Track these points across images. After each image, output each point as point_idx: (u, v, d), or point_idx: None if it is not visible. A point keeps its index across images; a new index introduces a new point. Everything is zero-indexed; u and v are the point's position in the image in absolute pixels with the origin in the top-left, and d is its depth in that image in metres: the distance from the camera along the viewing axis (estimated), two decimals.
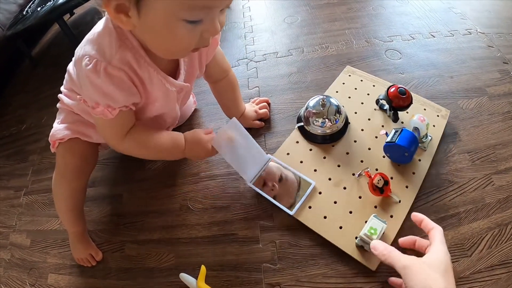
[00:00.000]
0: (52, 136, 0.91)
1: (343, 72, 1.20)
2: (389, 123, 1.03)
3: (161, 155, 0.97)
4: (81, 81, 0.72)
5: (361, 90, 1.13)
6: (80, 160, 0.93)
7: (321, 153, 0.99)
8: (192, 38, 0.63)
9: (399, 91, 0.96)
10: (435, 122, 1.03)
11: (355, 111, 1.08)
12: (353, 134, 1.02)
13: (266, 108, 1.13)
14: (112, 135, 0.83)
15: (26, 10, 1.85)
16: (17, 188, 1.32)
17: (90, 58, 0.67)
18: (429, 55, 1.26)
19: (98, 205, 1.09)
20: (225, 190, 1.00)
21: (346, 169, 0.95)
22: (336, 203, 0.89)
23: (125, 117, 0.79)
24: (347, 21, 1.48)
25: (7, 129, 1.65)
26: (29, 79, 1.95)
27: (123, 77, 0.71)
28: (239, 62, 1.38)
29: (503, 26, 1.39)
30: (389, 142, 0.89)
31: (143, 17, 0.59)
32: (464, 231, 0.84)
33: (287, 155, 1.00)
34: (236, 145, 0.90)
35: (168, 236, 0.96)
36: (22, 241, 1.13)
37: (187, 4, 0.56)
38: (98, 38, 0.69)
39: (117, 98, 0.73)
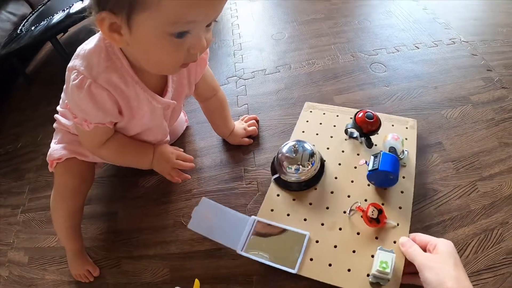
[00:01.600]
0: (50, 156, 0.94)
1: (304, 109, 1.18)
2: (363, 150, 1.02)
3: (131, 162, 1.02)
4: (67, 90, 0.76)
5: (326, 124, 1.11)
6: (78, 179, 0.96)
7: (306, 199, 0.94)
8: (180, 53, 0.67)
9: (367, 116, 0.95)
10: (406, 135, 1.03)
11: (326, 147, 1.05)
12: (332, 171, 0.99)
13: (255, 125, 1.16)
14: (88, 143, 0.89)
15: (20, 29, 1.87)
16: (14, 206, 1.33)
17: (78, 73, 0.72)
18: (414, 67, 1.29)
19: (94, 222, 1.11)
20: None
21: (336, 209, 0.91)
22: (336, 247, 0.84)
23: (101, 131, 0.84)
24: (333, 36, 1.52)
25: (3, 147, 1.65)
26: (24, 97, 1.96)
27: (104, 97, 0.75)
28: (229, 80, 1.41)
29: (488, 33, 1.43)
30: (372, 170, 0.88)
31: (134, 34, 0.63)
32: (449, 238, 0.81)
33: (271, 212, 0.93)
34: (214, 221, 0.92)
35: (162, 251, 0.98)
36: (20, 258, 1.14)
37: (171, 18, 0.59)
38: (88, 54, 0.73)
39: (93, 115, 0.77)
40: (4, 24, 2.08)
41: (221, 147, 1.17)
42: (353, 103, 1.20)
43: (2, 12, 2.12)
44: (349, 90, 1.25)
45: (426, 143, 1.05)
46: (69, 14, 1.61)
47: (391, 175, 0.85)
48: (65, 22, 1.61)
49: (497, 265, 0.81)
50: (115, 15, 0.60)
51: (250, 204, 1.00)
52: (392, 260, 0.75)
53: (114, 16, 0.60)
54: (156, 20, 0.59)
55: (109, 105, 0.77)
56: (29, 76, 2.10)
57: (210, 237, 0.89)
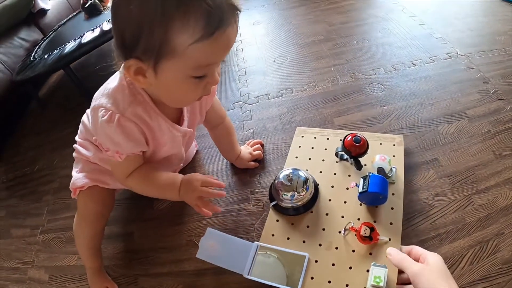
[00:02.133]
0: (73, 184, 1.00)
1: (295, 135, 1.22)
2: (354, 171, 1.05)
3: (159, 194, 1.03)
4: (96, 128, 0.82)
5: (318, 148, 1.15)
6: (100, 205, 1.02)
7: (303, 223, 0.99)
8: (198, 90, 0.75)
9: (354, 140, 0.98)
10: (394, 152, 1.07)
11: (319, 170, 1.09)
12: (326, 193, 1.03)
13: (260, 149, 1.23)
14: (119, 174, 0.94)
15: (33, 55, 1.94)
16: (33, 226, 1.38)
17: (105, 110, 0.78)
18: (411, 85, 1.33)
19: (112, 242, 1.16)
20: (226, 226, 1.07)
21: (331, 230, 0.95)
22: (334, 265, 0.89)
23: (131, 160, 0.90)
24: (332, 57, 1.57)
25: (19, 170, 1.71)
26: (38, 121, 2.02)
27: (133, 128, 0.82)
28: (235, 105, 1.46)
29: (484, 43, 1.46)
30: (361, 192, 0.92)
31: (159, 77, 0.70)
32: (445, 250, 0.88)
33: (272, 237, 0.98)
34: (220, 249, 0.96)
35: (176, 269, 1.02)
36: (41, 276, 1.19)
37: (194, 64, 0.67)
38: (112, 92, 0.80)
39: (124, 147, 0.84)
40: (17, 50, 2.15)
41: (229, 170, 1.22)
42: (352, 124, 1.24)
43: (14, 38, 2.19)
44: (348, 111, 1.29)
45: (423, 160, 1.07)
46: (81, 44, 1.67)
47: (380, 195, 0.90)
48: (77, 52, 1.67)
49: (493, 275, 0.83)
50: (142, 62, 0.67)
51: (256, 224, 1.05)
52: (384, 274, 0.81)
53: (141, 63, 0.68)
54: (181, 66, 0.67)
55: (138, 135, 0.84)
56: (43, 100, 2.16)
57: (218, 264, 0.94)
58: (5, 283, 1.24)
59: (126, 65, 0.69)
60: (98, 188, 1.00)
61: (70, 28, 2.14)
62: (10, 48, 2.13)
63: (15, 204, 1.55)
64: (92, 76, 2.09)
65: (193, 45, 0.63)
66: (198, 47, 0.63)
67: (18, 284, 1.21)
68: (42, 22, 2.40)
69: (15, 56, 2.11)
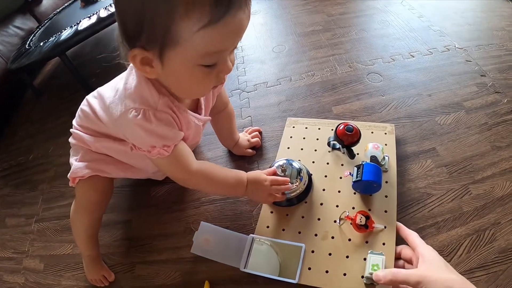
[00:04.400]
0: (73, 174, 0.96)
1: (287, 125, 1.22)
2: (346, 160, 1.06)
3: (223, 191, 1.02)
4: (130, 131, 0.79)
5: (309, 138, 1.15)
6: (100, 194, 1.00)
7: (298, 213, 0.98)
8: (210, 79, 0.71)
9: (347, 129, 0.98)
10: (385, 140, 1.08)
11: (312, 160, 1.09)
12: (319, 183, 1.03)
13: (258, 137, 1.22)
14: (178, 170, 0.88)
15: (28, 44, 1.92)
16: (28, 215, 1.37)
17: (136, 109, 0.75)
18: (409, 75, 1.33)
19: (109, 230, 1.15)
20: (223, 213, 1.07)
21: (326, 220, 0.95)
22: (331, 255, 0.89)
23: (181, 148, 0.85)
24: (331, 47, 1.56)
25: (14, 159, 1.70)
26: (34, 109, 2.01)
27: (169, 118, 0.79)
28: (232, 93, 1.45)
29: (483, 37, 1.46)
30: (356, 181, 0.92)
31: (166, 67, 0.67)
32: (442, 238, 0.89)
33: (267, 229, 0.98)
34: (215, 243, 0.96)
35: (174, 256, 1.02)
36: (36, 265, 1.18)
37: (204, 51, 0.63)
38: (136, 91, 0.76)
39: (171, 136, 0.80)
40: (12, 38, 2.14)
41: (227, 157, 1.21)
42: (351, 113, 1.24)
43: (9, 26, 2.18)
44: (347, 100, 1.29)
45: (421, 149, 1.08)
46: (78, 31, 1.65)
47: (374, 184, 0.90)
48: (73, 39, 1.65)
49: (490, 263, 0.84)
50: (147, 51, 0.64)
51: (255, 210, 1.05)
52: (382, 261, 0.82)
53: (146, 52, 0.65)
54: (188, 54, 0.63)
55: (175, 123, 0.82)
56: (38, 89, 2.14)
57: (213, 259, 0.94)
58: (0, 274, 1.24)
59: (131, 55, 0.66)
60: (98, 177, 0.97)
61: (66, 16, 2.12)
62: (4, 36, 2.13)
63: (10, 193, 1.54)
64: (88, 64, 2.08)
65: (199, 32, 0.59)
66: (205, 34, 0.59)
67: (13, 274, 1.21)
68: (37, 10, 2.40)
69: (10, 45, 2.10)
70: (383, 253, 0.84)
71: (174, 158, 0.84)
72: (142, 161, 0.99)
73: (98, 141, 0.95)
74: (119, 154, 0.98)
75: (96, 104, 0.91)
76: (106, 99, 0.84)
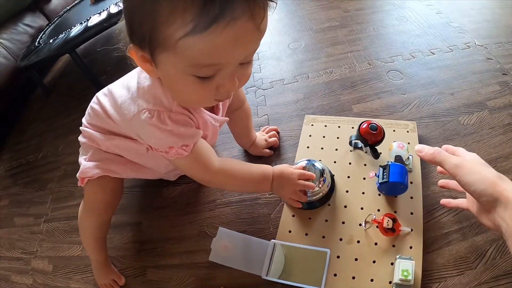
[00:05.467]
0: (82, 173, 0.93)
1: (305, 123, 1.18)
2: (369, 160, 1.02)
3: (249, 187, 0.98)
4: (145, 132, 0.75)
5: (329, 137, 1.11)
6: (109, 194, 0.96)
7: (321, 217, 0.95)
8: (207, 91, 0.64)
9: (371, 127, 0.95)
10: (408, 139, 1.04)
11: (333, 160, 1.05)
12: (342, 184, 0.99)
13: (276, 136, 1.17)
14: (199, 170, 0.84)
15: (38, 41, 1.91)
16: (36, 215, 1.36)
17: (149, 111, 0.71)
18: (430, 73, 1.29)
19: (119, 232, 1.12)
20: (240, 216, 1.03)
21: (351, 223, 0.92)
22: (357, 260, 0.85)
23: (201, 147, 0.81)
24: (349, 44, 1.52)
25: (24, 157, 1.70)
26: (43, 107, 2.01)
27: (186, 119, 0.75)
28: (248, 90, 1.42)
29: (501, 35, 1.41)
30: (382, 182, 0.88)
31: (160, 70, 0.63)
32: (468, 244, 0.85)
33: (289, 233, 0.94)
34: (234, 249, 0.93)
35: (188, 261, 0.99)
36: (44, 266, 1.17)
37: (192, 61, 0.57)
38: (150, 91, 0.73)
39: (189, 135, 0.77)
40: (22, 36, 2.13)
41: (242, 157, 1.17)
42: (371, 111, 1.20)
43: (19, 24, 2.18)
44: (367, 99, 1.25)
45: None
46: (87, 27, 1.63)
47: (401, 185, 0.87)
48: (83, 36, 1.63)
49: None
50: (142, 50, 0.60)
51: (273, 214, 1.01)
52: (412, 266, 0.77)
53: (141, 50, 0.61)
54: (177, 61, 0.58)
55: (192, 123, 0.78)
56: (48, 87, 2.14)
57: (232, 266, 0.90)
58: (8, 274, 1.23)
59: (129, 49, 0.62)
60: (108, 177, 0.94)
61: (76, 13, 2.10)
62: (14, 34, 2.12)
63: (19, 192, 1.53)
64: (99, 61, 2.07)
65: (184, 39, 0.52)
66: (190, 42, 0.52)
67: (22, 275, 1.19)
68: (47, 8, 2.39)
69: (19, 43, 2.10)
70: (412, 257, 0.80)
71: (194, 157, 0.80)
72: (154, 160, 0.96)
73: (109, 139, 0.91)
74: (130, 152, 0.94)
75: (107, 102, 0.88)
76: (118, 97, 0.80)
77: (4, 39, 2.04)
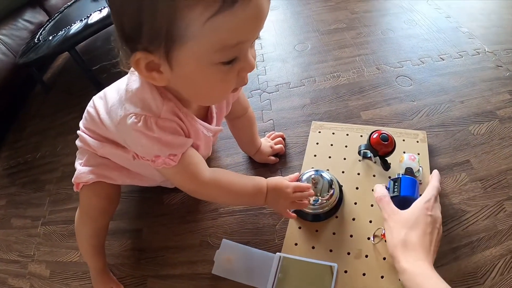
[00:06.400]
0: (77, 179, 0.91)
1: (312, 130, 1.15)
2: (378, 170, 1.00)
3: (242, 201, 0.95)
4: (130, 138, 0.72)
5: (337, 145, 1.09)
6: (105, 200, 0.93)
7: (328, 229, 0.92)
8: (230, 80, 0.62)
9: (382, 138, 0.93)
10: (418, 149, 1.02)
11: (341, 170, 1.03)
12: (350, 196, 0.97)
13: (282, 143, 1.14)
14: (187, 180, 0.80)
15: (37, 37, 1.87)
16: (34, 217, 1.33)
17: (136, 115, 0.67)
18: (439, 80, 1.27)
19: (118, 239, 1.10)
20: (244, 226, 1.00)
21: (359, 236, 0.90)
22: (365, 275, 0.84)
23: (190, 156, 0.77)
24: (356, 47, 1.49)
25: (22, 156, 1.67)
26: (42, 105, 1.97)
27: (174, 126, 0.71)
28: (252, 93, 1.39)
29: (510, 41, 1.40)
30: (393, 196, 0.86)
31: (176, 70, 0.58)
32: (477, 259, 0.84)
33: (295, 246, 0.91)
34: (237, 262, 0.91)
35: (189, 271, 0.96)
36: (42, 271, 1.14)
37: (219, 44, 0.54)
38: (138, 94, 0.68)
39: (177, 144, 0.72)
40: (21, 32, 2.10)
41: (247, 164, 1.14)
42: (381, 119, 1.17)
43: (18, 20, 2.14)
44: (376, 105, 1.22)
45: (455, 161, 1.02)
46: (88, 24, 1.59)
47: (412, 199, 0.84)
48: (83, 33, 1.59)
49: None
50: (151, 54, 0.56)
51: (278, 225, 0.98)
52: None
53: (151, 55, 0.56)
54: (200, 50, 0.54)
55: (182, 132, 0.74)
56: (47, 84, 2.10)
57: (236, 280, 0.88)
58: (4, 276, 1.21)
59: (134, 60, 0.57)
60: (103, 182, 0.91)
61: (76, 9, 2.05)
62: (14, 30, 2.09)
63: (17, 192, 1.51)
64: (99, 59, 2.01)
65: (210, 21, 0.50)
66: (218, 23, 0.50)
67: (18, 278, 1.17)
68: (47, 4, 2.36)
69: (19, 39, 2.06)
70: None
71: (182, 167, 0.76)
72: (148, 169, 0.92)
73: (102, 146, 0.88)
74: (123, 161, 0.92)
75: (101, 106, 0.84)
76: (109, 101, 0.77)
77: (3, 34, 2.00)
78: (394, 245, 0.73)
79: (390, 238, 0.75)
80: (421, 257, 0.70)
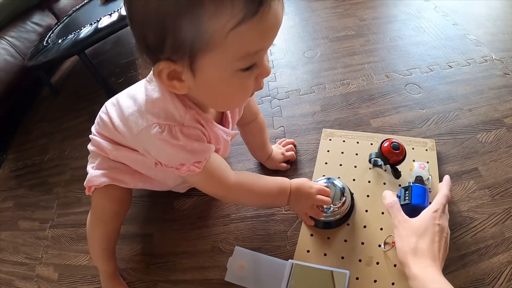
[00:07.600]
0: (89, 182, 0.91)
1: (322, 137, 1.15)
2: (389, 178, 1.00)
3: (266, 202, 0.94)
4: (154, 147, 0.73)
5: (348, 153, 1.09)
6: (117, 204, 0.94)
7: (340, 237, 0.92)
8: (249, 85, 0.64)
9: (393, 146, 0.93)
10: (427, 158, 1.03)
11: (352, 178, 1.03)
12: (361, 203, 0.98)
13: (293, 150, 1.14)
14: (214, 186, 0.82)
15: (46, 40, 1.88)
16: (42, 220, 1.33)
17: (160, 125, 0.68)
18: (448, 88, 1.27)
19: (128, 243, 1.10)
20: (255, 232, 1.00)
21: (371, 244, 0.90)
22: (376, 282, 0.84)
23: (214, 161, 0.78)
24: (366, 54, 1.50)
25: (29, 158, 1.67)
26: (50, 108, 1.98)
27: (199, 133, 0.72)
28: (263, 100, 1.39)
29: None
30: (403, 204, 0.86)
31: (199, 78, 0.60)
32: (484, 266, 0.84)
33: (307, 253, 0.91)
34: (250, 269, 0.91)
35: (200, 277, 0.96)
36: (50, 274, 1.14)
37: (242, 52, 0.56)
38: (159, 103, 0.70)
39: (201, 151, 0.74)
40: (30, 35, 2.11)
41: (258, 171, 1.14)
42: (390, 127, 1.17)
43: (27, 22, 2.16)
44: (386, 113, 1.22)
45: (464, 169, 1.02)
46: (98, 29, 1.60)
47: (423, 208, 0.85)
48: (93, 37, 1.60)
49: None
50: (175, 63, 0.58)
51: (290, 231, 0.98)
52: None
53: (174, 64, 0.58)
54: (224, 59, 0.57)
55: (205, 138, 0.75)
56: (56, 87, 2.11)
57: (249, 287, 0.88)
58: (11, 278, 1.20)
59: (156, 70, 0.59)
60: (115, 186, 0.92)
61: (85, 13, 2.07)
62: (22, 32, 2.10)
63: (24, 194, 1.51)
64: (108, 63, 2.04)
65: (234, 30, 0.52)
66: (241, 32, 0.52)
67: (26, 281, 1.17)
68: (56, 6, 2.37)
69: (27, 41, 2.07)
70: None
71: (207, 173, 0.77)
72: (162, 174, 0.94)
73: (116, 149, 0.89)
74: (137, 164, 0.92)
75: (114, 113, 0.85)
76: (125, 109, 0.77)
77: (12, 37, 2.01)
78: (405, 252, 0.74)
79: (400, 245, 0.76)
80: (430, 263, 0.70)
